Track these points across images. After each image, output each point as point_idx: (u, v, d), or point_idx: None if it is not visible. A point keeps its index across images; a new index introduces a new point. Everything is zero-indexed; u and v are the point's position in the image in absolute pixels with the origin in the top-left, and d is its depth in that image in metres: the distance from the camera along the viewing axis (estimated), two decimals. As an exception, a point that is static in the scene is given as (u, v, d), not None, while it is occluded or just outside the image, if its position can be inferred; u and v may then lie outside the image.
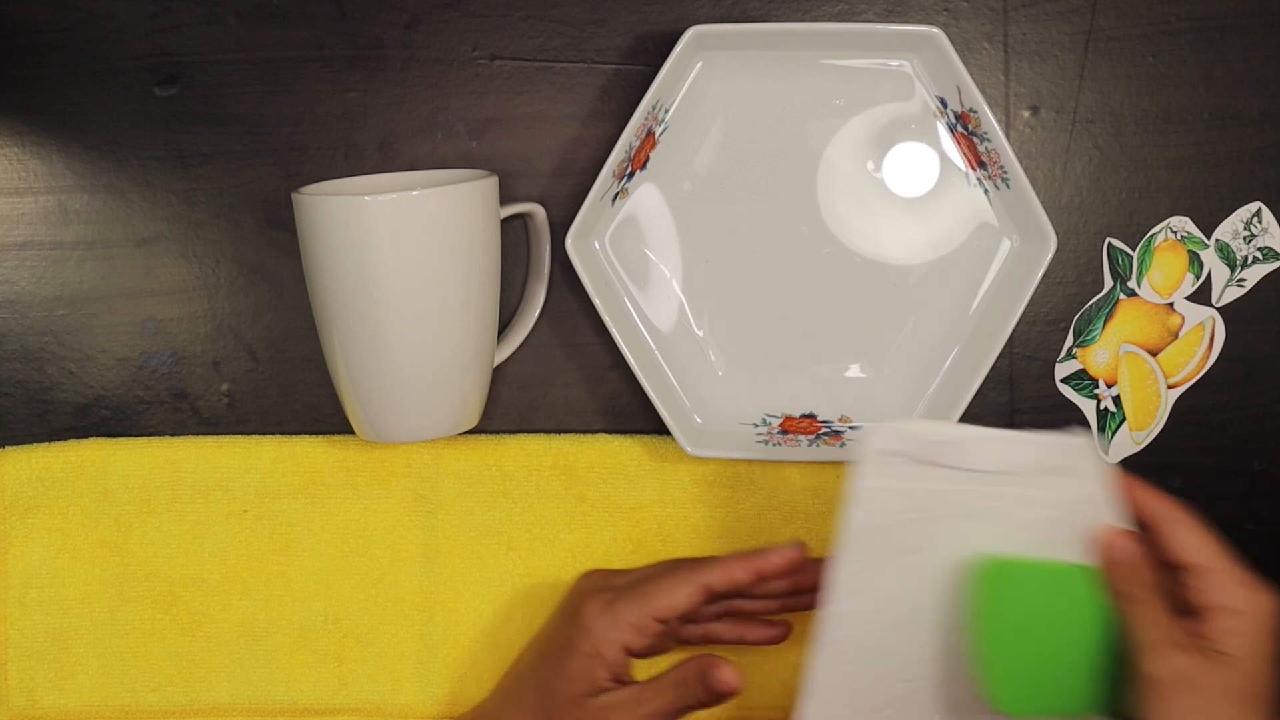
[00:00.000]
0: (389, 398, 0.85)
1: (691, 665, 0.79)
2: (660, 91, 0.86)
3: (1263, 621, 0.75)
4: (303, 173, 0.91)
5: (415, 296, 0.83)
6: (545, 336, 0.92)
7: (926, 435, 0.76)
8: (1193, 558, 0.76)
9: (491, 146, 0.91)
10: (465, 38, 0.91)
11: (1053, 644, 0.79)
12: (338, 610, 0.91)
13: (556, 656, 0.81)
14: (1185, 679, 0.74)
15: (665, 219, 0.91)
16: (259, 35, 0.91)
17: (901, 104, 0.90)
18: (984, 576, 0.78)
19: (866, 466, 0.76)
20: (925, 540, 0.78)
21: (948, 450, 0.76)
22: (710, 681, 0.79)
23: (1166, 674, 0.74)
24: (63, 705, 0.91)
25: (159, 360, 0.92)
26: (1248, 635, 0.75)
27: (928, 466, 0.76)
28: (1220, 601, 0.75)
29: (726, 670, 0.79)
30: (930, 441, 0.76)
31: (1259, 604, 0.75)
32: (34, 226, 0.92)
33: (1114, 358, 0.92)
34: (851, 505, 0.77)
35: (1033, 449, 0.76)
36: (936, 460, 0.76)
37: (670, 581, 0.80)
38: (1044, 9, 0.91)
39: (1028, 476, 0.77)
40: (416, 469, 0.91)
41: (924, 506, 0.77)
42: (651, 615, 0.80)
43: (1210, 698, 0.74)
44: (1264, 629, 0.75)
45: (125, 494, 0.91)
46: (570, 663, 0.80)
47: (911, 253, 0.91)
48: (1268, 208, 0.91)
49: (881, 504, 0.76)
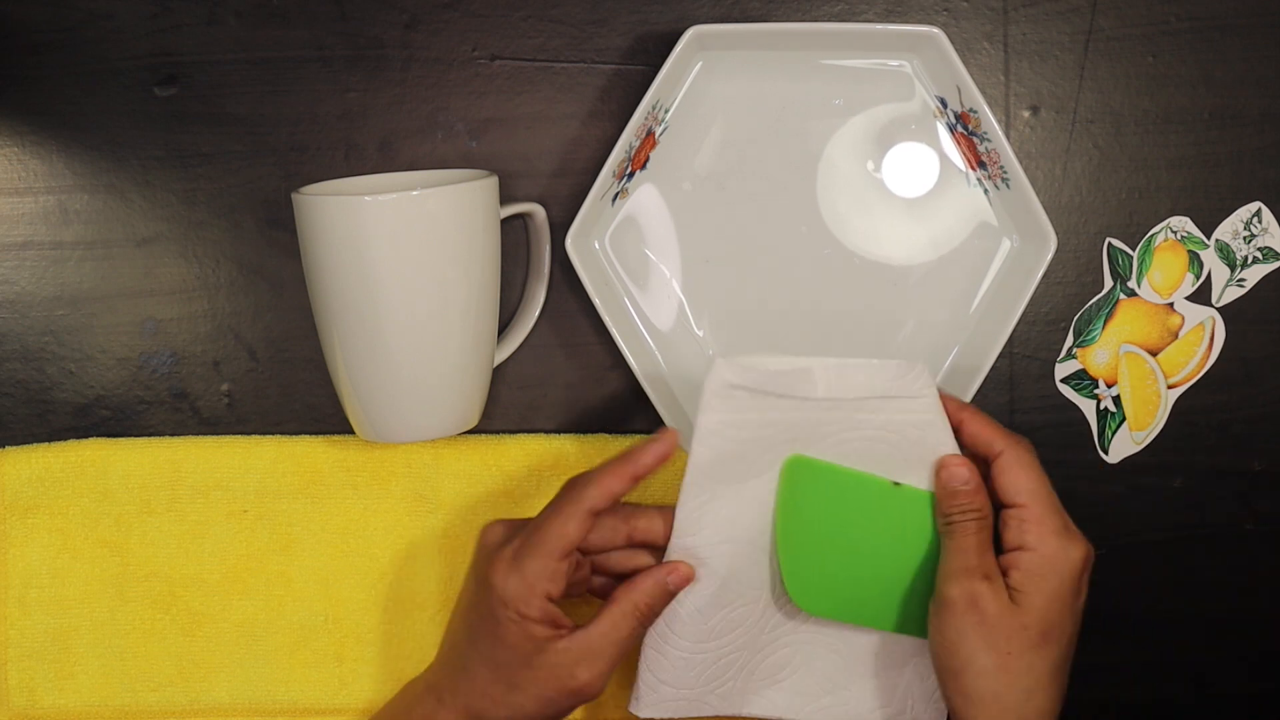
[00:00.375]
0: (389, 398, 0.85)
1: (639, 586, 0.79)
2: (660, 91, 0.86)
3: (1065, 570, 0.78)
4: (303, 173, 0.91)
5: (415, 296, 0.83)
6: (545, 336, 0.92)
7: (768, 367, 0.77)
8: (1015, 497, 0.79)
9: (491, 146, 0.91)
10: (465, 38, 0.91)
11: (851, 552, 0.82)
12: (338, 610, 0.91)
13: (487, 629, 0.79)
14: (973, 604, 0.77)
15: (665, 219, 0.91)
16: (259, 35, 0.91)
17: (901, 104, 0.90)
18: (785, 474, 0.81)
19: (708, 402, 0.77)
20: (762, 467, 0.79)
21: (788, 381, 0.77)
22: (669, 587, 0.79)
23: (957, 595, 0.78)
24: (63, 705, 0.91)
25: (159, 360, 0.92)
26: (1046, 579, 0.77)
27: (769, 398, 0.77)
28: (1028, 543, 0.78)
29: (680, 568, 0.79)
30: (771, 373, 0.77)
31: (1066, 553, 0.78)
32: (34, 226, 0.92)
33: (1114, 358, 0.92)
34: (694, 442, 0.78)
35: (868, 375, 0.78)
36: (778, 391, 0.77)
37: (558, 519, 0.78)
38: (1044, 9, 0.91)
39: (867, 401, 0.78)
40: (416, 469, 0.91)
41: (762, 436, 0.79)
42: (554, 559, 0.78)
43: (993, 628, 0.77)
44: (1065, 577, 0.78)
45: (125, 494, 0.91)
46: (502, 631, 0.79)
47: (911, 253, 0.91)
48: (1268, 208, 0.91)
49: (722, 438, 0.78)
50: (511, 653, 0.79)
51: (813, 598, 0.82)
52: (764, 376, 0.77)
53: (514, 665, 0.79)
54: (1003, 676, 0.77)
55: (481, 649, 0.80)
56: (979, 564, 0.78)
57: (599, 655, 0.79)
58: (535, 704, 0.79)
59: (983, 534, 0.79)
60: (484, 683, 0.80)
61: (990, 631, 0.77)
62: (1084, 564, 0.78)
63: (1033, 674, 0.77)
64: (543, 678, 0.79)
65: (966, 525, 0.79)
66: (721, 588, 0.81)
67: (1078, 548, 0.78)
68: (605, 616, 0.79)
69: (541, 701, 0.79)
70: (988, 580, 0.78)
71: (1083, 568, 0.78)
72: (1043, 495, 0.78)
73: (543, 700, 0.79)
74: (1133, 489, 0.92)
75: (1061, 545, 0.78)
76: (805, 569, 0.82)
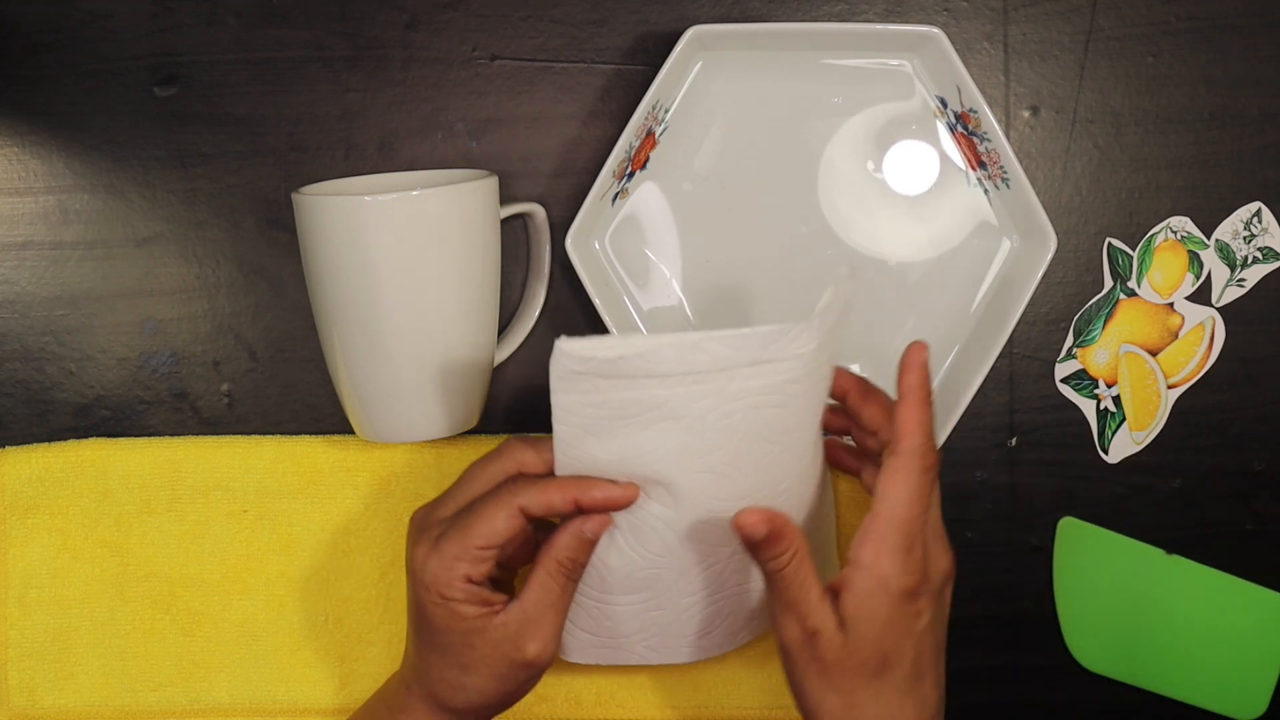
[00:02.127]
0: (389, 398, 0.85)
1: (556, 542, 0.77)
2: (660, 91, 0.86)
3: (893, 592, 0.74)
4: (303, 173, 0.91)
5: (415, 296, 0.83)
6: (545, 336, 0.92)
7: (608, 353, 0.75)
8: (875, 500, 0.75)
9: (491, 146, 0.91)
10: (465, 38, 0.91)
11: (1127, 615, 0.90)
12: (338, 610, 0.91)
13: (419, 614, 0.79)
14: (805, 646, 0.75)
15: (665, 219, 0.91)
16: (259, 35, 0.91)
17: (901, 104, 0.90)
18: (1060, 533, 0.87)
19: (556, 385, 0.75)
20: (631, 435, 0.76)
21: (633, 364, 0.75)
22: (586, 535, 0.77)
23: (788, 639, 0.76)
24: (63, 705, 0.91)
25: (159, 360, 0.92)
26: (871, 597, 0.74)
27: (619, 379, 0.75)
28: (862, 558, 0.75)
29: (592, 521, 0.77)
30: (612, 360, 0.74)
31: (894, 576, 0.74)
32: (34, 226, 0.92)
33: (1114, 358, 0.92)
34: (553, 420, 0.76)
35: (732, 345, 0.74)
36: (625, 374, 0.75)
37: (489, 509, 0.77)
38: (1044, 9, 0.91)
39: (739, 370, 0.75)
40: (416, 469, 0.91)
41: (627, 412, 0.76)
42: (474, 546, 0.77)
43: (830, 668, 0.75)
44: (890, 598, 0.74)
45: (125, 494, 0.91)
46: (430, 614, 0.78)
47: (911, 252, 0.91)
48: (1268, 208, 0.91)
49: (580, 415, 0.76)
50: (447, 635, 0.78)
51: (1091, 656, 0.89)
52: (605, 364, 0.74)
53: (456, 647, 0.78)
54: (852, 712, 0.75)
55: (423, 636, 0.79)
56: (802, 613, 0.75)
57: (538, 621, 0.78)
58: (492, 682, 0.79)
59: (798, 574, 0.75)
60: (436, 668, 0.79)
61: (830, 673, 0.75)
62: (909, 591, 0.75)
63: (881, 701, 0.75)
64: (489, 655, 0.78)
65: (782, 574, 0.76)
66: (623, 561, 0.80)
67: (907, 575, 0.74)
68: (533, 581, 0.78)
69: (496, 678, 0.78)
70: (815, 625, 0.75)
71: (908, 596, 0.75)
72: (899, 512, 0.74)
73: (497, 677, 0.78)
74: (1133, 489, 0.92)
75: (889, 568, 0.74)
76: (1082, 627, 0.88)
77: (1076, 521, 0.92)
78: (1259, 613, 0.91)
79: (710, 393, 0.75)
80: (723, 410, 0.76)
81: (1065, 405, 0.92)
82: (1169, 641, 0.91)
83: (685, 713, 0.92)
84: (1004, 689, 0.93)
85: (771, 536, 0.75)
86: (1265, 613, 0.91)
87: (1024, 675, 0.93)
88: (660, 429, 0.76)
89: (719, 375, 0.75)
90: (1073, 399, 0.92)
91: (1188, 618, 0.91)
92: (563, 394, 0.75)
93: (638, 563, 0.79)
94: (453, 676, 0.79)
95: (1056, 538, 0.92)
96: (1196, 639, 0.91)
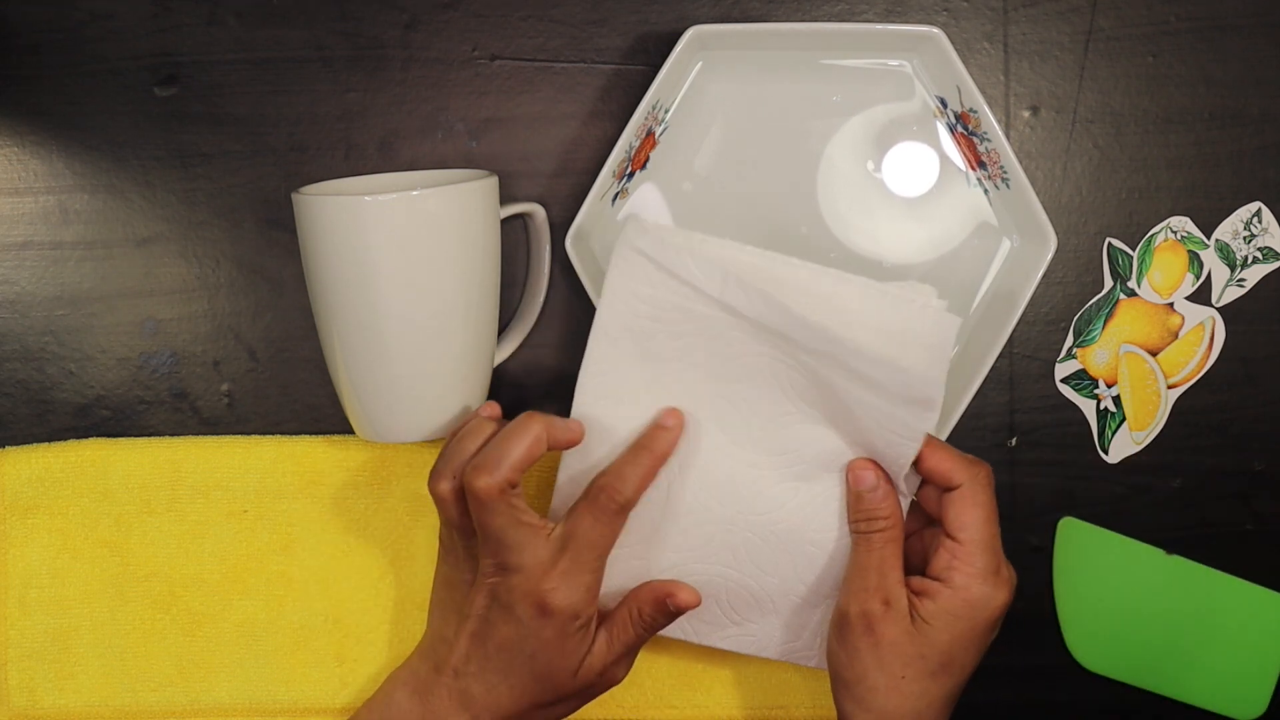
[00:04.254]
0: (389, 398, 0.85)
1: (645, 595, 0.80)
2: (660, 91, 0.86)
3: (981, 616, 0.77)
4: (303, 173, 0.91)
5: (415, 296, 0.82)
6: (545, 336, 0.92)
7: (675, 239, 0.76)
8: (955, 533, 0.77)
9: (491, 146, 0.91)
10: (465, 38, 0.91)
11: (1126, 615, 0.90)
12: (338, 610, 0.91)
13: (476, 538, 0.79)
14: (869, 626, 0.77)
15: (665, 219, 0.91)
16: (259, 35, 0.91)
17: (901, 104, 0.90)
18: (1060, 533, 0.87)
19: (618, 260, 0.76)
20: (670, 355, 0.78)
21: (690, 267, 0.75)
22: (670, 607, 0.80)
23: (854, 614, 0.77)
24: (63, 705, 0.91)
25: (159, 360, 0.92)
26: (960, 619, 0.77)
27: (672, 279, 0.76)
28: (953, 581, 0.77)
29: (684, 592, 0.80)
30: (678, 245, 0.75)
31: (987, 600, 0.77)
32: (34, 226, 0.92)
33: (1114, 358, 0.92)
34: (600, 303, 0.78)
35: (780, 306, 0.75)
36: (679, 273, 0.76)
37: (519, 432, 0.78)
38: (1044, 9, 0.91)
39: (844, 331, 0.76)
40: (416, 469, 0.91)
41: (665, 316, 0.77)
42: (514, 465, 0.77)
43: (888, 651, 0.77)
44: (979, 621, 0.77)
45: (125, 494, 0.91)
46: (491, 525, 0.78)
47: (911, 253, 0.91)
48: (1268, 208, 0.91)
49: (627, 305, 0.77)
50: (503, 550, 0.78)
51: (1091, 656, 0.90)
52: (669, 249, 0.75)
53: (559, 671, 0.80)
54: (894, 697, 0.77)
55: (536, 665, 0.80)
56: (878, 584, 0.77)
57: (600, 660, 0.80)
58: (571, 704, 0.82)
59: (888, 549, 0.78)
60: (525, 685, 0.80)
61: (884, 654, 0.77)
62: (1003, 609, 0.78)
63: (926, 698, 0.77)
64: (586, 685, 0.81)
65: (871, 539, 0.78)
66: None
67: (1001, 593, 0.77)
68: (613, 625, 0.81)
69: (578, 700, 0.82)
70: (887, 605, 0.77)
71: (1001, 613, 0.78)
72: (983, 536, 0.77)
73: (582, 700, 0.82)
74: (1133, 489, 0.92)
75: (984, 591, 0.77)
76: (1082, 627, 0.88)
77: (1076, 521, 0.92)
78: (1259, 613, 0.91)
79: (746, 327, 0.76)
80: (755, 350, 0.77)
81: (1065, 405, 0.92)
82: (1169, 641, 0.91)
83: (685, 713, 0.92)
84: (1004, 689, 0.93)
85: (879, 495, 0.78)
86: (1265, 613, 0.91)
87: (1024, 675, 0.93)
88: (691, 343, 0.77)
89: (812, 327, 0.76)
90: (1073, 399, 0.92)
91: (1188, 618, 0.91)
92: (618, 272, 0.77)
93: None
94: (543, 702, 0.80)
95: (1056, 538, 0.92)
96: (1196, 639, 0.91)
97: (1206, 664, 0.91)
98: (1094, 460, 0.92)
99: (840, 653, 0.78)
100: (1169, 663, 0.91)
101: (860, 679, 0.77)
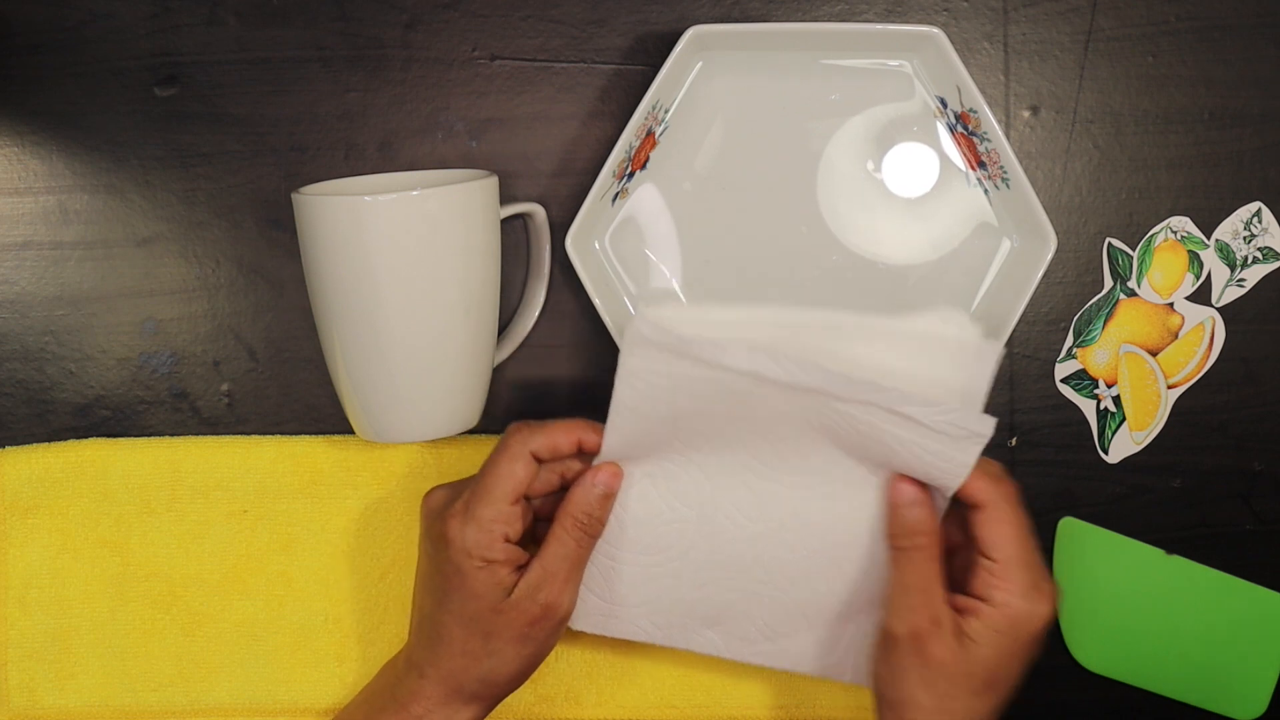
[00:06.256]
0: (389, 398, 0.85)
1: (571, 497, 0.80)
2: (660, 91, 0.86)
3: (1024, 630, 0.77)
4: (303, 173, 0.91)
5: (415, 296, 0.83)
6: (545, 336, 0.92)
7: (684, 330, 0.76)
8: (990, 552, 0.77)
9: (491, 146, 0.91)
10: (465, 38, 0.91)
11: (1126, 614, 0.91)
12: (338, 610, 0.91)
13: (454, 585, 0.79)
14: (918, 646, 0.76)
15: (665, 219, 0.91)
16: (259, 35, 0.91)
17: (901, 104, 0.90)
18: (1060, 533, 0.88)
19: (629, 347, 0.76)
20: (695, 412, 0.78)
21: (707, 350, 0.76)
22: (598, 488, 0.79)
23: (903, 634, 0.77)
24: (63, 705, 0.91)
25: (159, 360, 0.92)
26: (1004, 636, 0.76)
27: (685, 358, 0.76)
28: (995, 599, 0.76)
29: (605, 467, 0.79)
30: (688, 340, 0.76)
31: (1029, 615, 0.76)
32: (34, 226, 0.92)
33: (1114, 358, 0.92)
34: (616, 381, 0.78)
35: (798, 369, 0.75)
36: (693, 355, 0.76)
37: (504, 463, 0.79)
38: (1044, 9, 0.91)
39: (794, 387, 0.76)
40: (416, 469, 0.91)
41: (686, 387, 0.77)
42: (505, 502, 0.79)
43: (936, 671, 0.76)
44: (1022, 636, 0.77)
45: (125, 494, 0.91)
46: (470, 582, 0.79)
47: (911, 253, 0.91)
48: (1268, 208, 0.91)
49: (644, 381, 0.77)
50: (480, 601, 0.79)
51: (1091, 656, 0.90)
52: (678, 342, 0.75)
53: (485, 614, 0.79)
54: (941, 717, 0.76)
55: (452, 607, 0.80)
56: (925, 603, 0.77)
57: (554, 574, 0.79)
58: (512, 645, 0.80)
59: (930, 566, 0.77)
60: (460, 640, 0.80)
61: (933, 674, 0.76)
62: (1047, 622, 0.77)
63: (972, 717, 0.77)
64: (513, 617, 0.79)
65: (913, 555, 0.77)
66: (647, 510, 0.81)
67: (1043, 608, 0.77)
68: (549, 536, 0.80)
69: (517, 640, 0.80)
70: (935, 623, 0.76)
71: (1045, 627, 0.77)
72: (1019, 553, 0.77)
73: (518, 638, 0.80)
74: (1133, 489, 0.92)
75: (1027, 607, 0.76)
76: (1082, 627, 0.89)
77: (1076, 521, 0.92)
78: (1259, 613, 0.91)
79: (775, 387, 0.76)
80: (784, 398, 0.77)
81: (1065, 405, 0.92)
82: (1169, 641, 0.91)
83: (685, 712, 0.92)
84: (1004, 689, 0.93)
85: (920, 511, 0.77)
86: (1265, 613, 0.91)
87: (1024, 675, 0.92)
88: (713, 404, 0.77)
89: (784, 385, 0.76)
90: (1073, 399, 0.92)
91: (1188, 618, 0.91)
92: (634, 360, 0.77)
93: (661, 512, 0.81)
94: (477, 646, 0.80)
95: (1056, 538, 0.92)
96: (1196, 639, 0.91)
97: (1206, 664, 0.91)
98: (1094, 460, 0.92)
99: (885, 673, 0.78)
100: (1169, 663, 0.91)
101: (907, 700, 0.76)
